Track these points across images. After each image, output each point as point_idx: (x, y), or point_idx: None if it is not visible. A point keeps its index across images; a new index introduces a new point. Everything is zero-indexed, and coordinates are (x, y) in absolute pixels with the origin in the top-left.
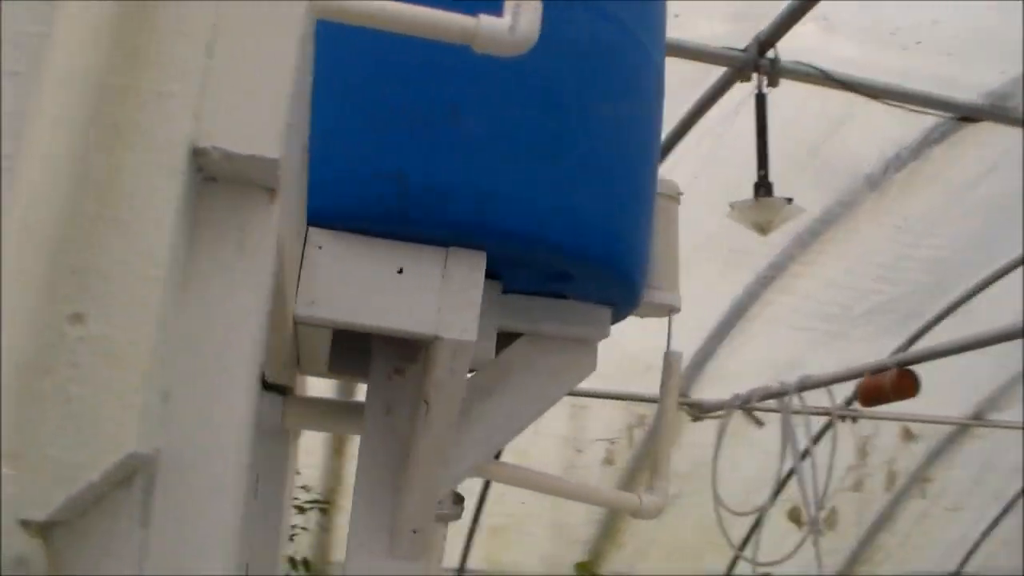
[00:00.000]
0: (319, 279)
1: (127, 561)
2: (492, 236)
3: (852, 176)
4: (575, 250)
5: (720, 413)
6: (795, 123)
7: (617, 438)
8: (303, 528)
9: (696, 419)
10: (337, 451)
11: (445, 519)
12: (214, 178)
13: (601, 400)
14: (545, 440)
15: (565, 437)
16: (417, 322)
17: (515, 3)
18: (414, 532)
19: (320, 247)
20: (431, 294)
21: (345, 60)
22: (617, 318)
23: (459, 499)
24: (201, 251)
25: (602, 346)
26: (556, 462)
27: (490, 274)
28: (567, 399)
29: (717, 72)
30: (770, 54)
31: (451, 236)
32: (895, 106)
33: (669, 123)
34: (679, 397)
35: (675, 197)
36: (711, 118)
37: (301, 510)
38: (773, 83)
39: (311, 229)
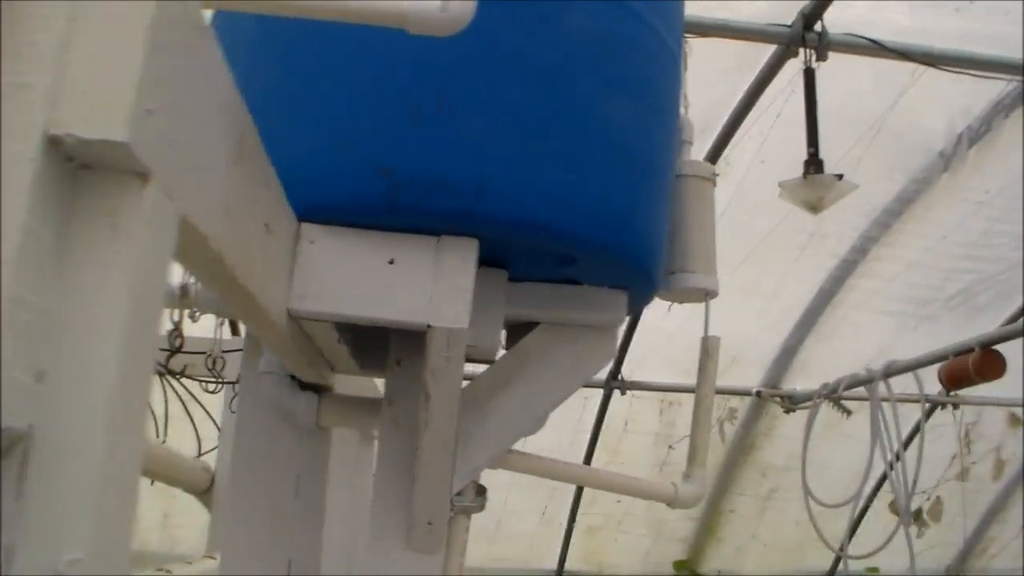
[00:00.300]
0: (312, 273)
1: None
2: (482, 223)
3: (924, 151)
4: (569, 233)
5: (808, 404)
6: (858, 99)
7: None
8: None
9: (788, 411)
10: None
11: (467, 511)
12: (89, 165)
13: (691, 394)
14: (636, 437)
15: (656, 434)
16: (409, 312)
17: None
18: (429, 524)
19: (312, 242)
20: (422, 283)
21: (327, 57)
22: (638, 303)
23: (481, 490)
24: (75, 236)
25: (685, 338)
26: (648, 460)
27: (495, 262)
28: (656, 395)
29: (769, 50)
30: (817, 27)
31: (441, 225)
32: (959, 72)
33: (728, 105)
34: (771, 390)
35: (709, 178)
36: (769, 97)
37: None
38: (821, 57)
39: (304, 224)
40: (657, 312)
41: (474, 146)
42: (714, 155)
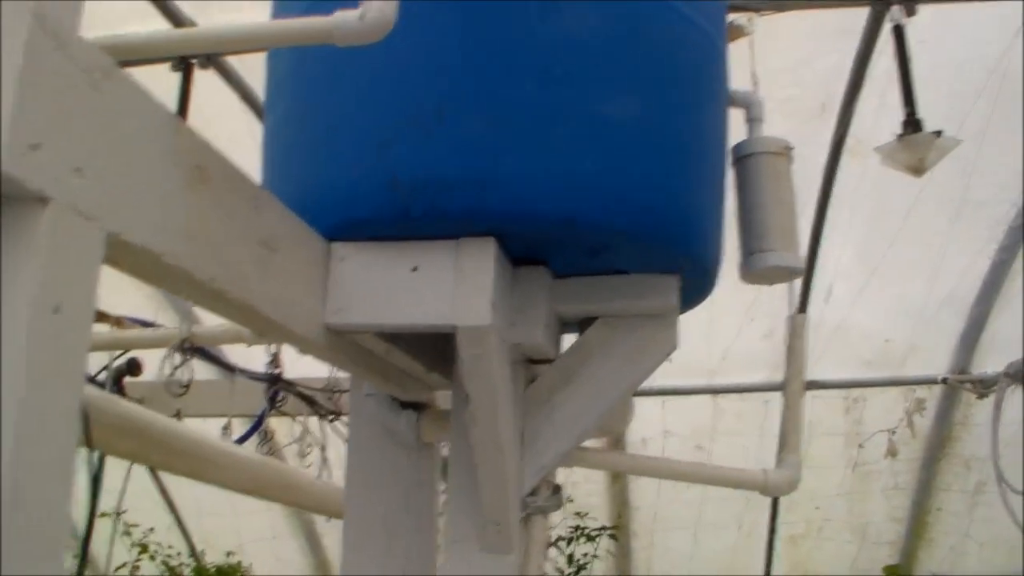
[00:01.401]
0: (344, 288)
1: None
2: (491, 218)
3: None
4: (580, 219)
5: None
6: (973, 48)
7: (896, 427)
8: (594, 556)
9: (981, 396)
10: (616, 476)
11: (543, 511)
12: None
13: (877, 389)
14: (824, 440)
15: (845, 434)
16: (435, 315)
17: None
18: (497, 524)
19: (343, 259)
20: (445, 286)
21: (331, 84)
22: (697, 287)
23: (556, 489)
24: None
25: (865, 333)
26: (839, 460)
27: (534, 260)
28: (838, 392)
29: (864, 14)
30: None
31: (456, 227)
32: None
33: (841, 78)
34: (959, 375)
35: (781, 153)
36: (881, 64)
37: (590, 538)
38: (910, 12)
39: (334, 244)
40: (820, 307)
41: (475, 144)
42: (841, 131)
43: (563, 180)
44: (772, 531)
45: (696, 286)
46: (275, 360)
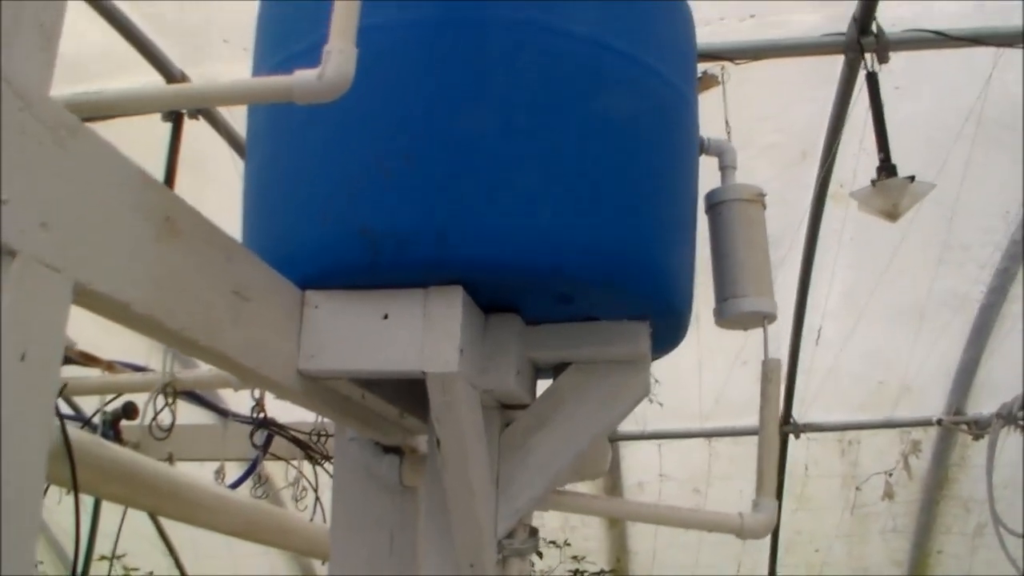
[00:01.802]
0: (317, 335)
1: None
2: (453, 267)
3: None
4: (536, 267)
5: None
6: (947, 96)
7: (892, 469)
8: None
9: (977, 437)
10: (614, 520)
11: (520, 553)
12: None
13: (871, 431)
14: (820, 481)
15: (842, 476)
16: (404, 361)
17: (328, 51)
18: (472, 567)
19: (316, 307)
20: (414, 333)
21: (303, 136)
22: (668, 333)
23: (533, 532)
24: None
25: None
26: (836, 503)
27: (506, 307)
28: (834, 434)
29: (839, 62)
30: (873, 29)
31: (422, 276)
32: None
33: (822, 124)
34: (953, 416)
35: (755, 200)
36: (859, 110)
37: None
38: (883, 60)
39: (308, 292)
40: (810, 350)
41: (440, 195)
42: (824, 177)
43: (526, 230)
44: (772, 574)
45: (667, 332)
46: (259, 404)
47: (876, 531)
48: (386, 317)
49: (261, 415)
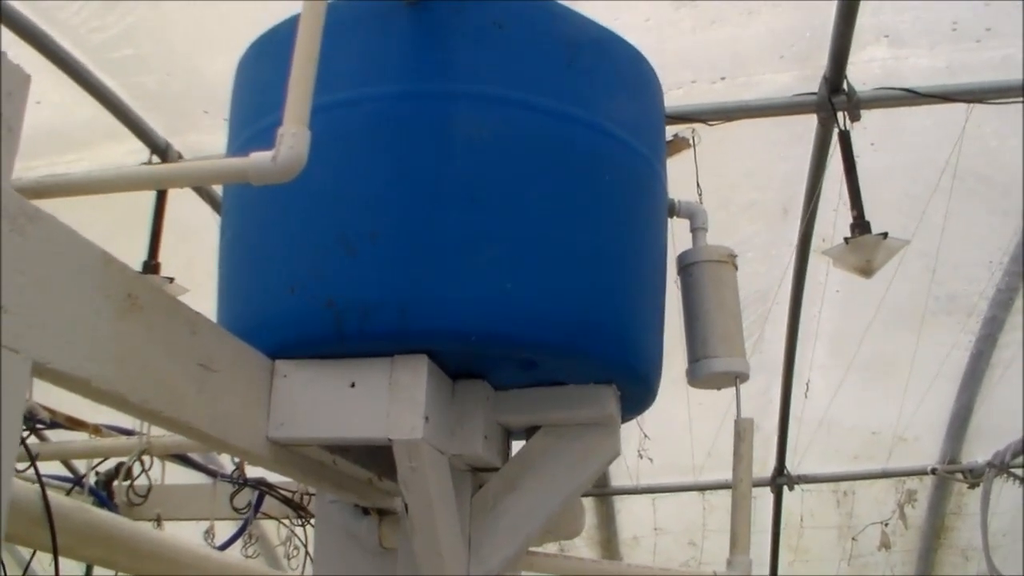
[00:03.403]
0: (286, 403)
1: None
2: (424, 338)
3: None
4: (493, 336)
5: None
6: (924, 148)
7: (888, 519)
8: None
9: (972, 486)
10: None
11: None
12: None
13: (866, 481)
14: (816, 532)
15: (838, 527)
16: (371, 429)
17: (282, 134)
18: None
19: (285, 376)
20: (380, 401)
21: (272, 211)
22: (637, 396)
23: None
24: None
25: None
26: (833, 554)
27: (474, 374)
28: (828, 486)
29: (814, 119)
30: (844, 87)
31: (388, 346)
32: (1008, 103)
33: (801, 180)
34: (948, 466)
35: (725, 261)
36: (837, 167)
37: None
38: (854, 118)
39: (277, 362)
40: (803, 402)
41: (402, 267)
42: (806, 233)
43: (486, 302)
44: None
45: (636, 395)
46: (240, 467)
47: None
48: (353, 385)
49: (242, 477)
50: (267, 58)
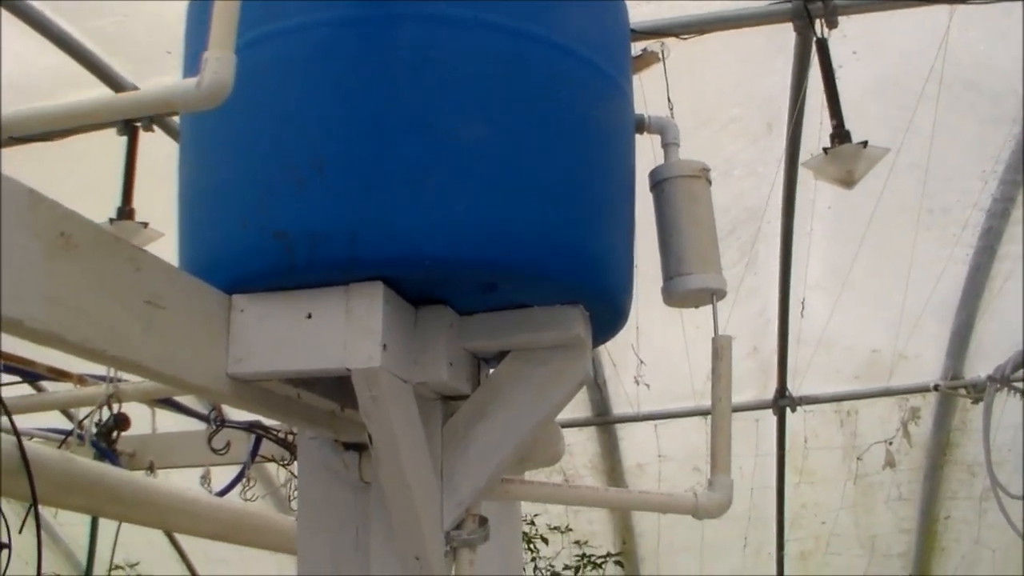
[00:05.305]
0: (244, 338)
1: None
2: (378, 265)
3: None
4: (445, 259)
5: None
6: (912, 56)
7: (892, 438)
8: None
9: (976, 401)
10: None
11: (469, 544)
12: None
13: (869, 400)
14: (821, 453)
15: (843, 447)
16: (329, 359)
17: (206, 59)
18: (417, 559)
19: (242, 310)
20: (337, 331)
21: (220, 141)
22: (608, 316)
23: (483, 521)
24: None
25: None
26: (839, 474)
27: (435, 300)
28: (831, 406)
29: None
30: None
31: (341, 275)
32: (989, 3)
33: (783, 95)
34: (950, 381)
35: (697, 175)
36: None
37: (596, 565)
38: (831, 24)
39: (233, 296)
40: (801, 322)
41: (353, 194)
42: (793, 148)
43: (437, 225)
44: (780, 548)
45: (605, 315)
46: (217, 408)
47: (881, 500)
48: (310, 316)
49: (218, 417)
50: None
